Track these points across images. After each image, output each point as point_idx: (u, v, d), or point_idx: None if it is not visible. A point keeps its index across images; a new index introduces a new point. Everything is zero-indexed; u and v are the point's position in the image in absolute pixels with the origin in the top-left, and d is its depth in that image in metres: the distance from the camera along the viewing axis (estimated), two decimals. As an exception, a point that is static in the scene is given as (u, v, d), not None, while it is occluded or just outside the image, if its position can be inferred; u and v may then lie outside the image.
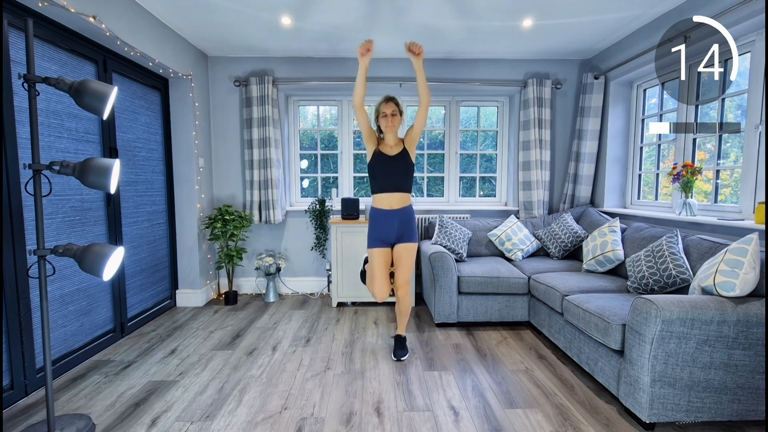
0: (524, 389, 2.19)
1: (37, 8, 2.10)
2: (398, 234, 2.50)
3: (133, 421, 1.90)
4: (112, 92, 1.79)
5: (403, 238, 2.51)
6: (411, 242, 2.52)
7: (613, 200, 3.68)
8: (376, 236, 2.51)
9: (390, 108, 2.44)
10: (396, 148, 2.50)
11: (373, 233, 2.53)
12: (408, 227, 2.51)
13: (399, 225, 2.48)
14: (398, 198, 2.48)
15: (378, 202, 2.51)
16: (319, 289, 4.10)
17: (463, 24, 3.11)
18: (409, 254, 2.52)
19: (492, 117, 4.28)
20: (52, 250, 1.71)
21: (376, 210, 2.53)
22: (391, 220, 2.48)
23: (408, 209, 2.52)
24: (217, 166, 3.97)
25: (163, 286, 3.47)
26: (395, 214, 2.48)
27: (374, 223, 2.52)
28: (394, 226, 2.48)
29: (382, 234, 2.50)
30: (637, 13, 2.93)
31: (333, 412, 1.98)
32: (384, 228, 2.49)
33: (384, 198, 2.48)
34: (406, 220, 2.50)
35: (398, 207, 2.48)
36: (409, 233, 2.51)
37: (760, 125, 2.35)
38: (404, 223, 2.50)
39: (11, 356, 2.04)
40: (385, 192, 2.48)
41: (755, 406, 1.79)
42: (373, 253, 2.52)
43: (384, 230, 2.49)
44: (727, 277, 1.82)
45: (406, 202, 2.51)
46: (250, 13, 2.95)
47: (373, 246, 2.52)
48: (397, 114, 2.45)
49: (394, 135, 2.50)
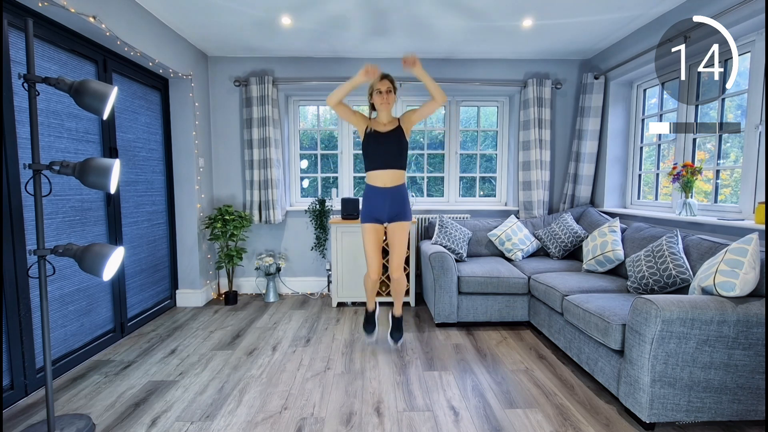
0: (524, 389, 2.19)
1: (37, 8, 2.10)
2: (391, 212, 2.51)
3: (133, 421, 1.90)
4: (112, 92, 1.79)
5: (396, 217, 2.52)
6: (404, 220, 2.53)
7: (613, 200, 3.68)
8: (369, 213, 2.52)
9: (385, 85, 2.44)
10: (390, 125, 2.50)
11: (366, 209, 2.54)
12: (401, 206, 2.51)
13: (392, 203, 2.49)
14: (391, 175, 2.48)
15: (372, 179, 2.51)
16: (319, 289, 4.11)
17: (463, 24, 3.11)
18: (403, 232, 2.53)
19: (492, 117, 4.28)
20: (52, 250, 1.71)
21: (370, 187, 2.53)
22: (385, 198, 2.48)
23: (401, 188, 2.52)
24: (217, 166, 3.97)
25: (163, 286, 3.47)
26: (389, 192, 2.48)
27: (367, 200, 2.53)
28: (387, 204, 2.49)
29: (374, 211, 2.51)
30: (637, 13, 2.93)
31: (333, 412, 1.98)
32: (377, 205, 2.50)
33: (377, 175, 2.48)
34: (400, 200, 2.51)
35: (392, 185, 2.49)
36: (402, 212, 2.52)
37: (760, 125, 2.35)
38: (397, 202, 2.50)
39: (11, 356, 2.04)
40: (378, 169, 2.48)
41: (755, 406, 1.79)
42: (365, 228, 2.53)
43: (377, 207, 2.50)
44: (727, 277, 1.82)
45: (399, 180, 2.51)
46: (250, 13, 2.95)
47: (365, 221, 2.53)
48: (392, 91, 2.46)
49: (387, 113, 2.50)
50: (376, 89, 2.45)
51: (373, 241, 2.52)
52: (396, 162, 2.48)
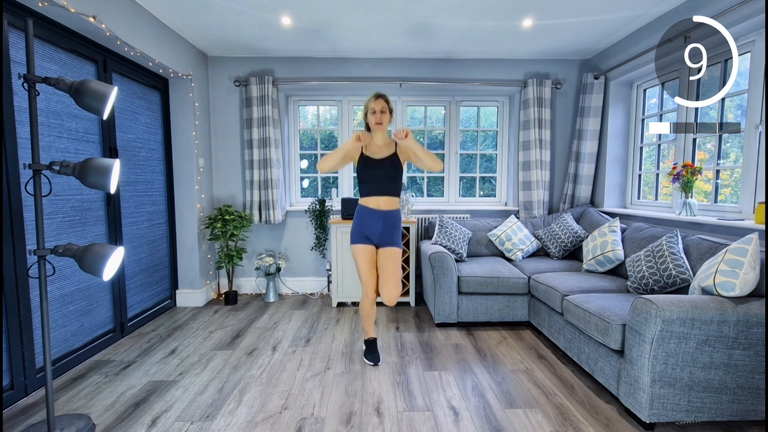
0: (524, 389, 2.19)
1: (37, 8, 2.10)
2: (382, 236, 2.42)
3: (133, 421, 1.90)
4: (112, 92, 1.79)
5: (386, 242, 2.43)
6: (395, 247, 2.44)
7: (613, 200, 3.68)
8: (360, 231, 2.43)
9: (379, 104, 2.38)
10: (386, 149, 2.43)
11: (357, 228, 2.44)
12: (393, 231, 2.44)
13: (384, 226, 2.41)
14: (385, 201, 2.42)
15: (365, 201, 2.46)
16: (319, 289, 4.10)
17: (464, 24, 3.11)
18: (394, 261, 2.43)
19: (492, 117, 4.28)
20: (52, 250, 1.71)
21: (362, 207, 2.46)
22: (377, 220, 2.41)
23: (395, 213, 2.46)
24: (217, 166, 3.97)
25: (163, 286, 3.47)
26: (382, 214, 2.41)
27: (359, 218, 2.45)
28: (379, 226, 2.41)
29: (365, 229, 2.42)
30: (637, 13, 2.93)
31: (333, 412, 1.98)
32: (368, 225, 2.42)
33: (371, 200, 2.43)
34: (392, 224, 2.44)
35: (386, 208, 2.43)
36: (393, 237, 2.44)
37: (760, 125, 2.35)
38: (389, 227, 2.43)
39: (11, 356, 2.04)
40: (373, 195, 2.42)
41: (755, 406, 1.79)
42: (357, 250, 2.43)
43: (368, 227, 2.42)
44: (727, 277, 1.82)
45: (393, 205, 2.45)
46: (250, 13, 2.95)
47: (356, 242, 2.44)
48: (387, 111, 2.40)
49: (383, 134, 2.44)
50: (371, 109, 2.39)
51: (366, 260, 2.43)
52: (391, 189, 2.42)
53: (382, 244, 2.44)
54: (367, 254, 2.43)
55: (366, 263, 2.42)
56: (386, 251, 2.43)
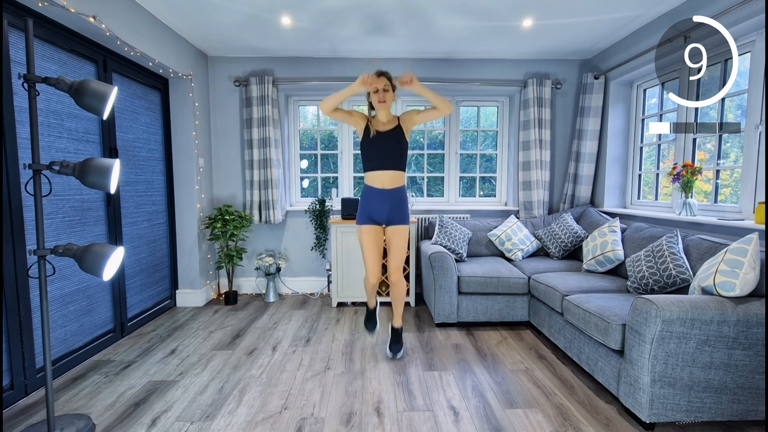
0: (524, 389, 2.19)
1: (37, 8, 2.10)
2: (389, 215, 2.44)
3: (133, 421, 1.90)
4: (112, 92, 1.79)
5: (394, 220, 2.45)
6: (403, 224, 2.47)
7: (613, 200, 3.68)
8: (367, 213, 2.46)
9: (382, 82, 2.36)
10: (389, 124, 2.43)
11: (363, 210, 2.47)
12: (400, 209, 2.45)
13: (391, 206, 2.43)
14: (391, 176, 2.42)
15: (370, 180, 2.45)
16: (319, 289, 4.10)
17: (464, 24, 3.11)
18: (402, 237, 2.47)
19: (492, 117, 4.28)
20: (52, 250, 1.71)
21: (368, 188, 2.47)
22: (384, 200, 2.42)
23: (401, 190, 2.47)
24: (217, 166, 3.97)
25: (163, 286, 3.47)
26: (388, 194, 2.42)
27: (365, 200, 2.47)
28: (386, 207, 2.42)
29: (372, 212, 2.44)
30: (637, 13, 2.93)
31: (333, 412, 1.98)
32: (375, 206, 2.43)
33: (376, 176, 2.42)
34: (399, 202, 2.45)
35: (391, 187, 2.42)
36: (401, 215, 2.46)
37: (760, 125, 2.35)
38: (396, 205, 2.44)
39: (11, 356, 2.04)
40: (378, 170, 2.41)
41: (755, 406, 1.79)
42: (363, 230, 2.46)
43: (375, 208, 2.43)
44: (727, 277, 1.82)
45: (399, 181, 2.45)
46: (250, 13, 2.95)
47: (362, 223, 2.46)
48: (390, 89, 2.39)
49: (386, 111, 2.44)
50: (373, 87, 2.38)
51: (371, 243, 2.45)
52: (395, 163, 2.42)
53: (391, 223, 2.47)
54: (373, 235, 2.45)
55: (371, 245, 2.45)
56: (394, 229, 2.47)
